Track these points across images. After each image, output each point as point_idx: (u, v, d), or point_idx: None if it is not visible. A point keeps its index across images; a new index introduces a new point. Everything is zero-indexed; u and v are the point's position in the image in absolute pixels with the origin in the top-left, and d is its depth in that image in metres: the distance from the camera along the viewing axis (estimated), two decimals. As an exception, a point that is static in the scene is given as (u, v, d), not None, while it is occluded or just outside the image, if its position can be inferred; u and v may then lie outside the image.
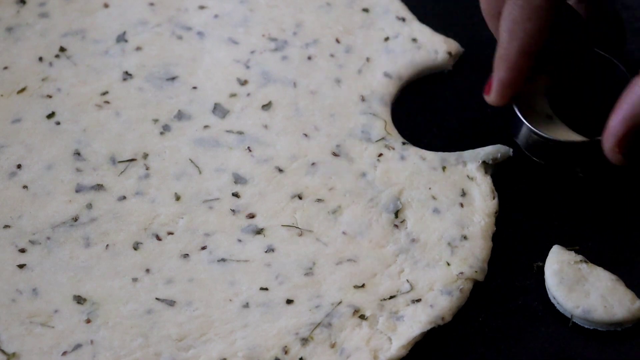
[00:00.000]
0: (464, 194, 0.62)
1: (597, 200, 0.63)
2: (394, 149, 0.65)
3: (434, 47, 0.70)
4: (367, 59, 0.69)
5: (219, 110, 0.66)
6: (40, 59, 0.69)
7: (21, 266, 0.59)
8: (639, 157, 0.57)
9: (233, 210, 0.61)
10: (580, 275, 0.58)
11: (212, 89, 0.68)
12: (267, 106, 0.67)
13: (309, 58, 0.69)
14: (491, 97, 0.61)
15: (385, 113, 0.67)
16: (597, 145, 0.58)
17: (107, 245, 0.60)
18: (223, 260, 0.59)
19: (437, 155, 0.64)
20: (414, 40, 0.71)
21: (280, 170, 0.63)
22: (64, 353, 0.55)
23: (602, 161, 0.59)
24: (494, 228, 0.61)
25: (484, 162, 0.63)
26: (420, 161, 0.64)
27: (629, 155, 0.57)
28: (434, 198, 0.62)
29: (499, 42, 0.59)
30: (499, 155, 0.64)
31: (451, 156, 0.64)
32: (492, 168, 0.64)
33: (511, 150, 0.64)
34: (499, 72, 0.59)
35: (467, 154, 0.64)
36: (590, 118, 0.60)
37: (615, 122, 0.56)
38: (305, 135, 0.65)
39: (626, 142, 0.56)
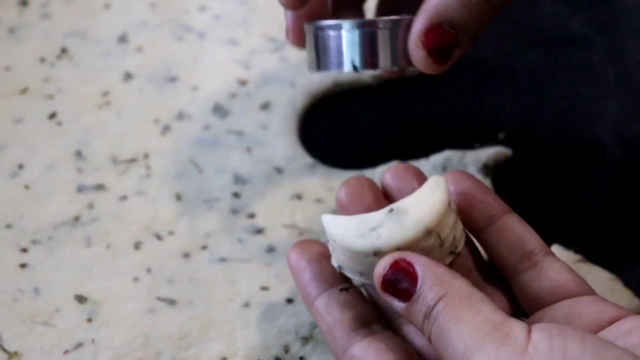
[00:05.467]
0: (463, 193, 0.62)
1: (597, 200, 0.63)
2: (393, 148, 0.65)
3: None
4: (367, 59, 0.69)
5: (219, 110, 0.67)
6: (42, 59, 0.69)
7: (23, 266, 0.59)
8: (446, 64, 0.54)
9: (233, 210, 0.62)
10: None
11: (213, 89, 0.68)
12: (265, 106, 0.67)
13: (308, 58, 0.69)
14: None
15: (385, 113, 0.67)
16: None
17: (108, 244, 0.60)
18: (223, 259, 0.59)
19: (439, 156, 0.64)
20: (414, 39, 0.71)
21: (279, 171, 0.64)
22: (65, 352, 0.55)
23: None
24: (494, 228, 0.61)
25: (485, 164, 0.63)
26: (421, 160, 0.63)
27: (437, 58, 0.53)
28: (433, 198, 0.62)
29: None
30: (500, 157, 0.64)
31: (454, 157, 0.64)
32: (493, 170, 0.64)
33: (510, 151, 0.64)
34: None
35: (470, 155, 0.64)
36: None
37: (419, 19, 0.53)
38: (305, 135, 0.65)
39: (431, 40, 0.53)
